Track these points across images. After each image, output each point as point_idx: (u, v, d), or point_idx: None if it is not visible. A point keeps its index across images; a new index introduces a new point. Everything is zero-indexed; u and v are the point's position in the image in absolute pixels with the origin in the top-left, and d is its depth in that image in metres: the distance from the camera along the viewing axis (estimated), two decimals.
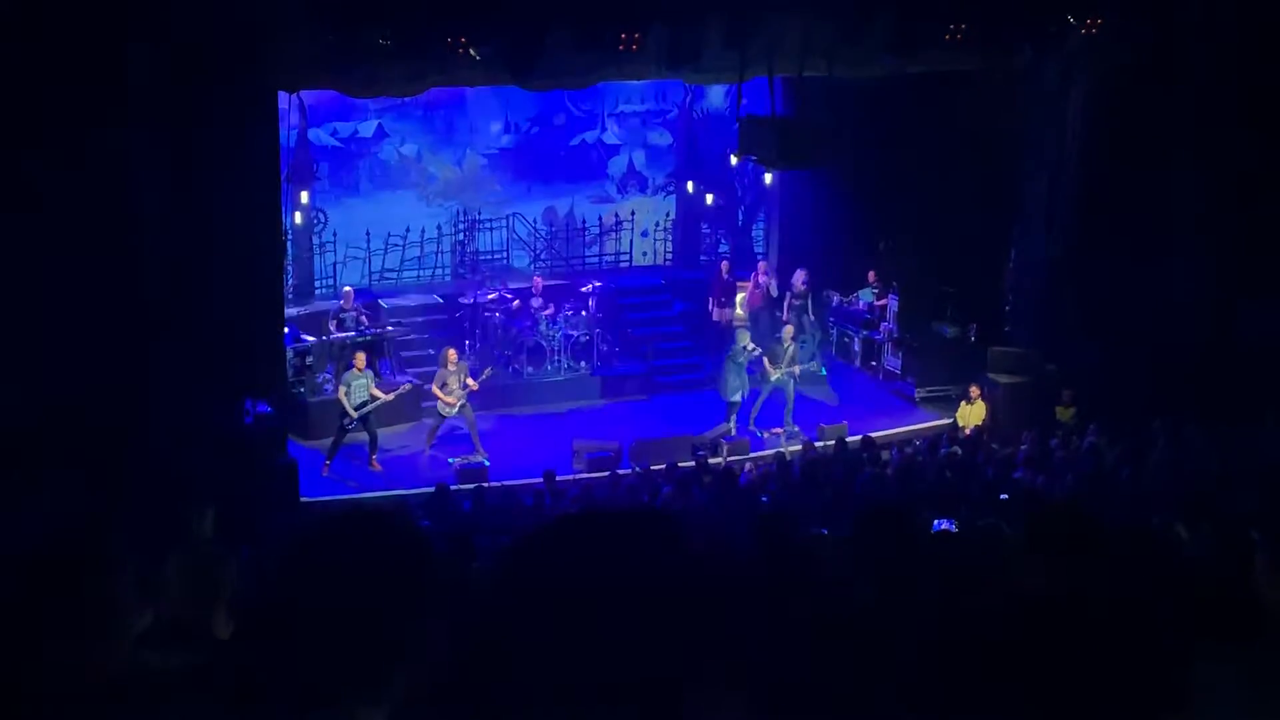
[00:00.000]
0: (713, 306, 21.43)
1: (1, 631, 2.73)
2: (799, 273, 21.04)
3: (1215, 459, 14.48)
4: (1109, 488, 13.71)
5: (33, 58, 12.49)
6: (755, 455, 17.68)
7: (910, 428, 18.74)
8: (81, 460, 12.38)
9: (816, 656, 3.27)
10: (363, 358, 17.29)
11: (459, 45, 15.25)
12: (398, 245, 21.79)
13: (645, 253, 23.71)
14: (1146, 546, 6.03)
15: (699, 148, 23.12)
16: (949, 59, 17.85)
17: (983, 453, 16.25)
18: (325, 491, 16.17)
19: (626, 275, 22.90)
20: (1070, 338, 18.36)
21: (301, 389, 17.92)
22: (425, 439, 17.64)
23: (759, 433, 18.64)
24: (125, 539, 2.97)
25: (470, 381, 17.46)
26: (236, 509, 12.70)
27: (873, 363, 20.85)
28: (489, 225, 22.40)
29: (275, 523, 13.13)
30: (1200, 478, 13.94)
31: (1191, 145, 17.45)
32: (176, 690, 3.41)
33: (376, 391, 17.10)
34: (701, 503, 14.31)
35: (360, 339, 18.52)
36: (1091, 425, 16.36)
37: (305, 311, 19.62)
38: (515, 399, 19.27)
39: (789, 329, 19.34)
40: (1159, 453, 15.13)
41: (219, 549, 5.09)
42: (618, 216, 23.39)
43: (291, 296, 19.30)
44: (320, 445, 17.34)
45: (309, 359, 18.24)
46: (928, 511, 11.57)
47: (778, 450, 17.53)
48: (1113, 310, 17.92)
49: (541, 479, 15.66)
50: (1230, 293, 17.09)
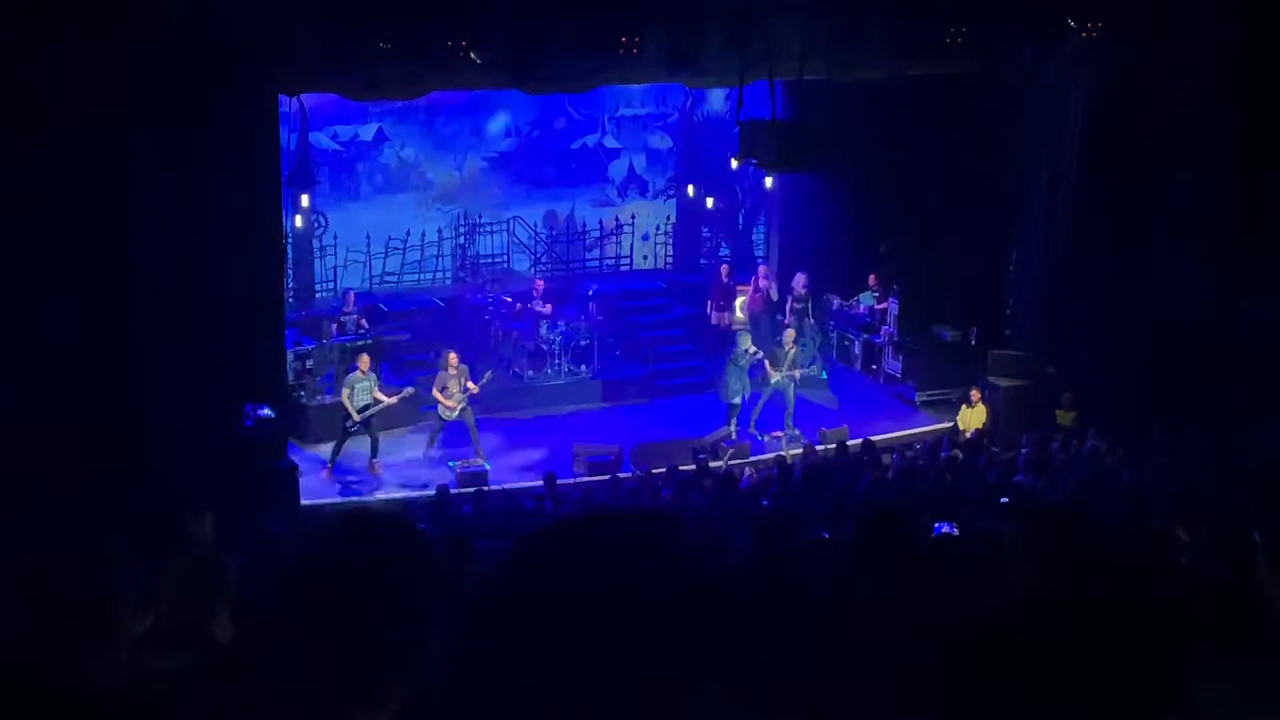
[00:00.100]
0: (711, 310, 21.42)
1: (2, 635, 2.73)
2: (799, 276, 21.04)
3: (1215, 462, 14.48)
4: (1109, 491, 13.71)
5: (32, 59, 12.48)
6: (756, 459, 17.68)
7: (911, 431, 18.74)
8: (81, 463, 12.37)
9: (817, 659, 3.27)
10: (367, 360, 17.30)
11: (459, 49, 15.26)
12: (398, 249, 21.80)
13: (646, 256, 23.72)
14: (1147, 549, 6.03)
15: (699, 151, 23.13)
16: (949, 62, 17.86)
17: (983, 456, 16.25)
18: (325, 495, 16.17)
19: (627, 279, 22.91)
20: (1070, 341, 18.37)
21: (302, 393, 17.92)
22: (426, 442, 17.64)
23: (759, 436, 18.65)
24: (125, 543, 2.97)
25: (470, 385, 17.46)
26: (236, 513, 12.72)
27: (873, 366, 20.85)
28: (489, 229, 22.41)
29: (275, 526, 13.14)
30: (1200, 480, 13.94)
31: (1191, 148, 17.45)
32: (177, 693, 3.41)
33: (380, 394, 17.11)
34: (702, 506, 14.31)
35: (361, 342, 18.53)
36: (1092, 428, 16.36)
37: (306, 315, 19.62)
38: (516, 402, 19.26)
39: (790, 332, 19.34)
40: (1159, 456, 15.13)
41: (218, 553, 5.10)
42: (618, 220, 23.40)
43: (292, 300, 19.30)
44: (320, 449, 17.34)
45: (309, 363, 18.23)
46: (928, 515, 11.58)
47: (778, 454, 17.54)
48: (1113, 313, 17.92)
49: (542, 482, 15.67)
50: (1230, 295, 17.08)
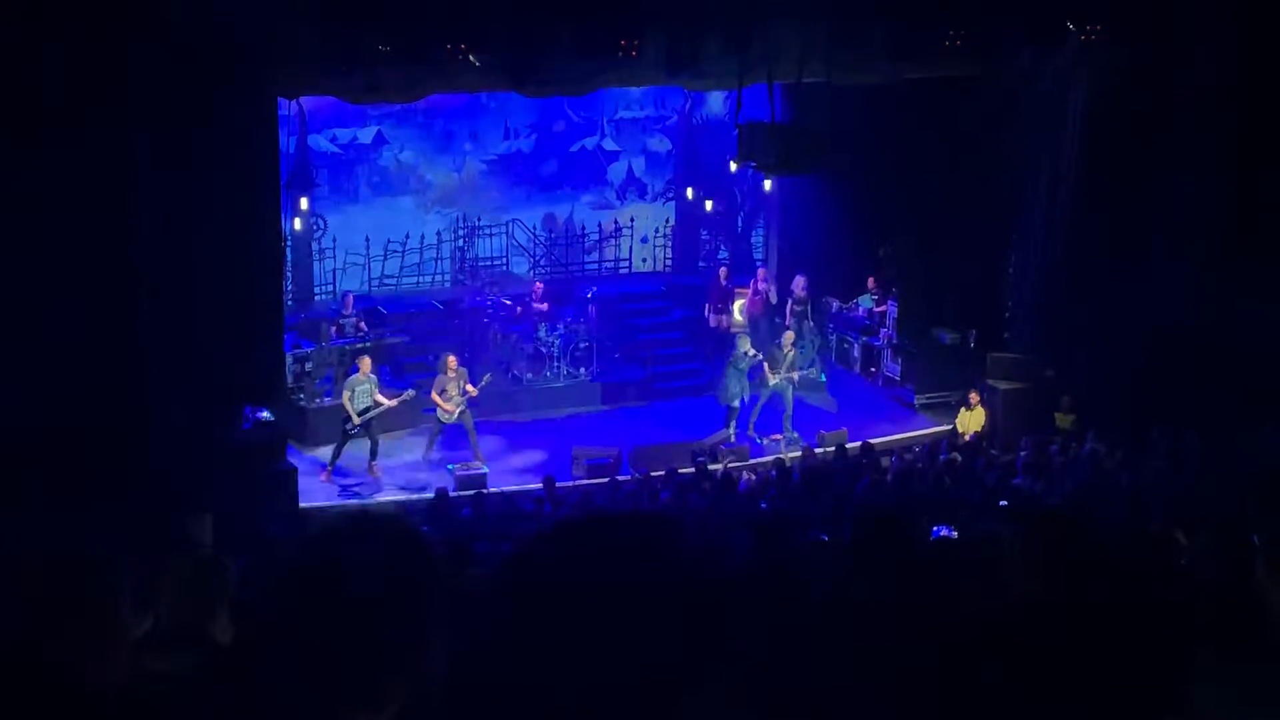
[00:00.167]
0: (709, 313, 21.40)
1: (2, 638, 2.73)
2: (799, 279, 21.04)
3: (1214, 465, 14.48)
4: (1108, 494, 13.71)
5: (32, 59, 12.48)
6: (755, 461, 17.68)
7: (910, 434, 18.74)
8: (80, 465, 12.37)
9: (816, 662, 3.27)
10: (368, 362, 17.31)
11: (458, 51, 15.27)
12: (397, 251, 21.80)
13: (645, 259, 23.72)
14: (1146, 552, 6.04)
15: (698, 154, 23.13)
16: (948, 65, 17.87)
17: (982, 459, 16.26)
18: (324, 498, 16.17)
19: (626, 281, 22.91)
20: (1069, 344, 18.37)
21: (301, 395, 17.92)
22: (425, 445, 17.63)
23: (758, 439, 18.65)
24: (125, 545, 2.98)
25: (470, 388, 17.46)
26: (236, 515, 12.73)
27: (872, 369, 20.85)
28: (488, 231, 22.41)
29: (274, 529, 13.14)
30: (1199, 484, 13.94)
31: (1190, 151, 17.45)
32: (176, 695, 3.41)
33: (380, 397, 17.11)
34: (701, 509, 14.31)
35: (360, 345, 18.53)
36: (1090, 431, 16.36)
37: (305, 318, 19.62)
38: (515, 405, 19.26)
39: (788, 334, 19.34)
40: (1158, 459, 15.13)
41: (218, 555, 5.10)
42: (617, 223, 23.40)
43: (291, 303, 19.31)
44: (320, 451, 17.34)
45: (308, 365, 18.23)
46: (927, 518, 11.58)
47: (777, 456, 17.53)
48: (1112, 316, 17.92)
49: (541, 485, 15.67)
50: (1229, 298, 17.08)
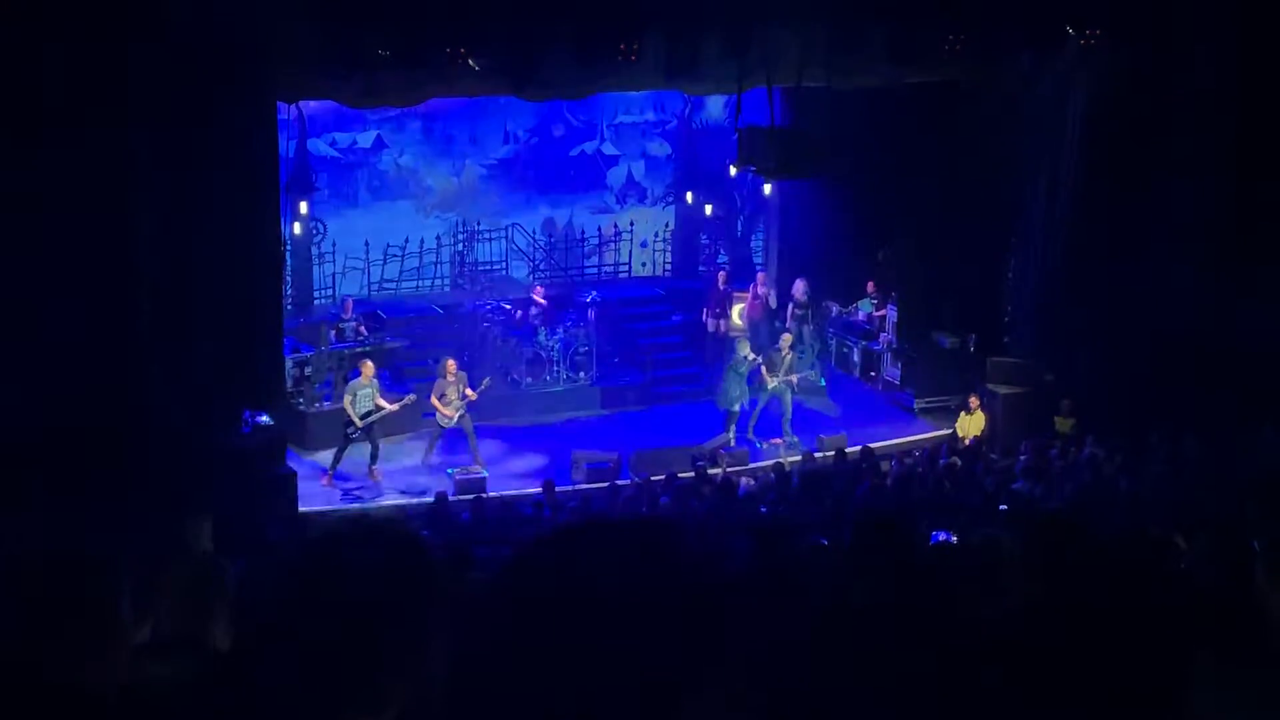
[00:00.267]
0: (707, 317, 21.38)
1: (2, 635, 2.73)
2: (799, 283, 21.03)
3: (1214, 469, 14.48)
4: (1108, 498, 13.71)
5: (32, 59, 12.49)
6: (754, 466, 17.68)
7: (909, 438, 18.74)
8: (80, 466, 12.37)
9: (816, 667, 3.27)
10: (370, 366, 17.31)
11: (457, 55, 15.28)
12: (396, 256, 21.80)
13: (644, 263, 23.72)
14: (1145, 557, 6.03)
15: (698, 158, 23.13)
16: (947, 69, 17.89)
17: (982, 463, 16.25)
18: (324, 502, 16.17)
19: (626, 286, 22.91)
20: (1069, 348, 18.37)
21: (300, 400, 17.92)
22: (424, 450, 17.63)
23: (758, 443, 18.65)
24: (124, 546, 2.97)
25: (469, 392, 17.46)
26: (235, 520, 12.72)
27: (872, 373, 20.85)
28: (488, 236, 22.41)
29: (274, 533, 13.13)
30: (1199, 488, 13.94)
31: (1190, 155, 17.47)
32: (175, 702, 3.41)
33: (382, 401, 17.11)
34: (700, 513, 14.31)
35: (359, 349, 18.53)
36: (1090, 435, 16.37)
37: (304, 322, 19.63)
38: (514, 409, 19.26)
39: (786, 337, 19.35)
40: (1158, 463, 15.14)
41: (217, 559, 5.09)
42: (617, 227, 23.40)
43: (290, 307, 19.30)
44: (319, 456, 17.34)
45: (308, 369, 18.23)
46: (926, 522, 11.58)
47: (777, 461, 17.52)
48: (1111, 320, 17.93)
49: (541, 490, 15.66)
50: (1229, 302, 17.09)
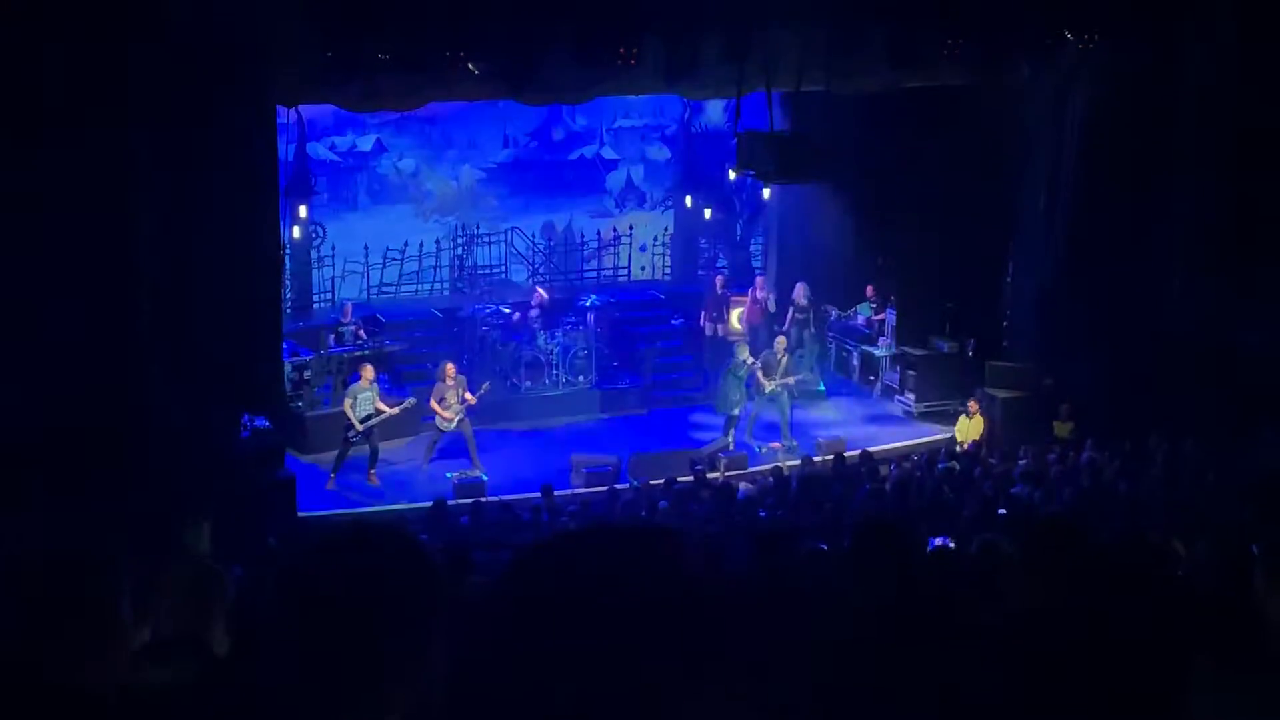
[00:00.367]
0: (705, 321, 21.38)
1: (2, 635, 2.73)
2: (800, 286, 21.02)
3: (1213, 473, 14.49)
4: (1107, 502, 13.72)
5: (32, 59, 12.49)
6: (753, 470, 17.67)
7: (908, 443, 18.73)
8: (79, 469, 12.36)
9: (815, 671, 3.27)
10: (370, 369, 17.30)
11: (457, 59, 15.28)
12: (396, 260, 21.81)
13: (644, 267, 23.73)
14: (1144, 561, 6.03)
15: (697, 162, 23.15)
16: (946, 74, 17.90)
17: (981, 468, 16.25)
18: (322, 506, 16.16)
19: (625, 290, 22.91)
20: (1068, 352, 18.37)
21: (299, 403, 17.92)
22: (423, 453, 17.63)
23: (757, 447, 18.64)
24: (123, 553, 2.97)
25: (468, 396, 17.45)
26: (234, 523, 12.71)
27: (871, 377, 20.85)
28: (487, 240, 22.42)
29: (273, 537, 13.13)
30: (1198, 492, 13.95)
31: (1190, 159, 17.48)
32: (175, 704, 3.41)
33: (382, 405, 17.11)
34: (699, 517, 14.30)
35: (358, 353, 18.53)
36: (1089, 440, 16.37)
37: (303, 326, 19.62)
38: (513, 413, 19.25)
39: (781, 340, 19.35)
40: (1157, 467, 15.14)
41: (216, 563, 5.09)
42: (616, 231, 23.41)
43: (290, 311, 19.31)
44: (318, 459, 17.32)
45: (307, 373, 18.23)
46: (925, 527, 11.59)
47: (775, 465, 17.52)
48: (1111, 325, 17.93)
49: (539, 493, 15.65)
50: (1228, 306, 17.10)
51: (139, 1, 13.19)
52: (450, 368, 17.67)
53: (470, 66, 15.42)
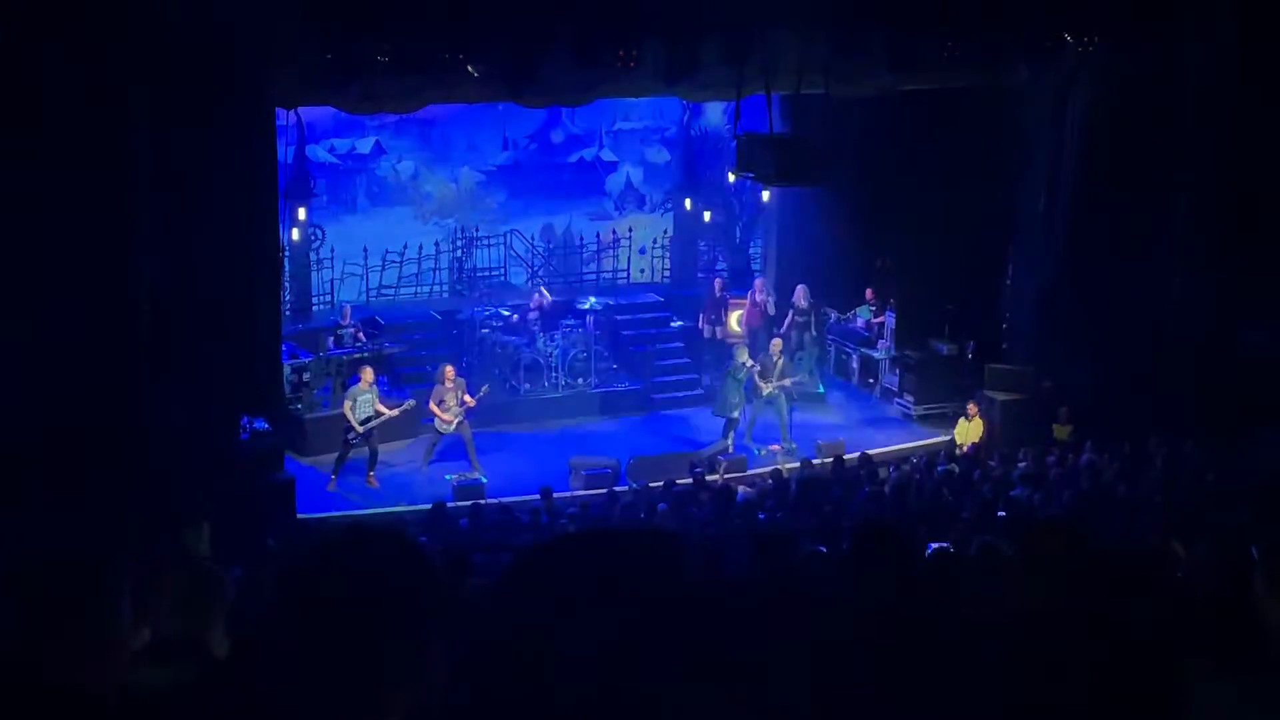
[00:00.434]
0: (703, 324, 21.37)
1: (1, 635, 2.73)
2: (801, 289, 21.03)
3: (1213, 475, 14.50)
4: (1106, 505, 13.72)
5: (32, 59, 12.49)
6: (753, 472, 17.66)
7: (908, 445, 18.73)
8: (79, 473, 12.36)
9: (815, 674, 3.26)
10: (369, 372, 17.30)
11: (457, 62, 15.28)
12: (395, 262, 21.81)
13: (643, 270, 23.72)
14: (1143, 564, 6.03)
15: (697, 165, 23.15)
16: (946, 77, 17.90)
17: (980, 470, 16.25)
18: (322, 508, 16.15)
19: (624, 292, 22.89)
20: (1067, 355, 18.37)
21: (299, 405, 17.91)
22: (423, 456, 17.63)
23: (756, 450, 18.64)
24: (123, 555, 2.97)
25: (468, 398, 17.46)
26: (233, 525, 12.72)
27: (870, 380, 20.85)
28: (486, 242, 22.41)
29: (272, 539, 13.13)
30: (1197, 494, 13.95)
31: (1189, 162, 17.49)
32: (174, 706, 3.41)
33: (381, 407, 17.11)
34: (699, 520, 14.30)
35: (358, 355, 18.53)
36: (1088, 442, 16.37)
37: (303, 328, 19.62)
38: (513, 415, 19.25)
39: (776, 342, 19.36)
40: (1156, 470, 15.14)
41: (215, 565, 5.09)
42: (615, 233, 23.41)
43: (289, 313, 19.30)
44: (317, 461, 17.33)
45: (306, 375, 18.24)
46: (925, 530, 11.59)
47: (775, 467, 17.52)
48: (1110, 327, 17.93)
49: (539, 496, 15.64)
50: (1228, 309, 17.11)
51: (139, 2, 13.19)
52: (449, 370, 17.67)
53: (470, 69, 15.42)
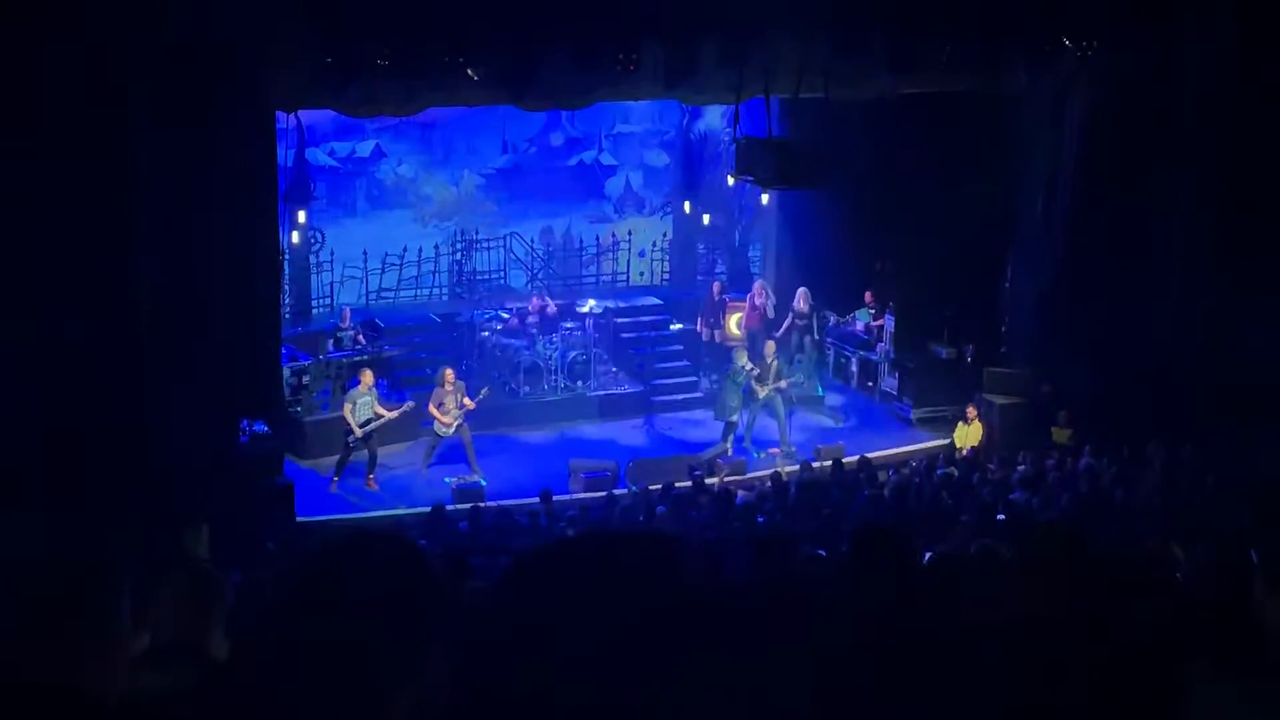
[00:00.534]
0: (701, 327, 21.37)
1: (1, 635, 2.72)
2: (801, 292, 21.03)
3: (1212, 479, 14.49)
4: (1105, 508, 13.72)
5: (32, 59, 12.48)
6: (752, 475, 17.66)
7: (907, 448, 18.74)
8: (79, 473, 12.35)
9: (815, 677, 3.26)
10: (369, 374, 17.31)
11: (456, 65, 15.29)
12: (395, 265, 21.82)
13: (642, 273, 23.73)
14: (1142, 567, 6.04)
15: (696, 168, 23.16)
16: (945, 80, 17.91)
17: (979, 474, 16.25)
18: (321, 511, 16.15)
19: (624, 295, 22.89)
20: (1066, 358, 18.37)
21: (298, 408, 17.91)
22: (422, 458, 17.63)
23: (755, 453, 18.64)
24: (123, 559, 2.96)
25: (467, 401, 17.46)
26: (232, 528, 12.71)
27: (869, 383, 20.86)
28: (486, 245, 22.42)
29: (271, 542, 13.12)
30: (1196, 498, 13.95)
31: (1188, 165, 17.49)
32: (173, 711, 3.40)
33: (381, 409, 17.11)
34: (698, 523, 14.29)
35: (357, 358, 18.53)
36: (1088, 446, 16.36)
37: (302, 331, 19.62)
38: (512, 418, 19.25)
39: (770, 345, 19.37)
40: (1155, 473, 15.14)
41: (214, 568, 5.09)
42: (615, 237, 23.41)
43: (289, 316, 19.30)
44: (316, 464, 17.33)
45: (306, 378, 18.24)
46: (924, 533, 11.59)
47: (774, 470, 17.52)
48: (1109, 331, 17.93)
49: (538, 499, 15.64)
50: (1227, 313, 17.10)
51: (139, 2, 13.19)
52: (449, 373, 17.67)
53: (470, 72, 15.43)
